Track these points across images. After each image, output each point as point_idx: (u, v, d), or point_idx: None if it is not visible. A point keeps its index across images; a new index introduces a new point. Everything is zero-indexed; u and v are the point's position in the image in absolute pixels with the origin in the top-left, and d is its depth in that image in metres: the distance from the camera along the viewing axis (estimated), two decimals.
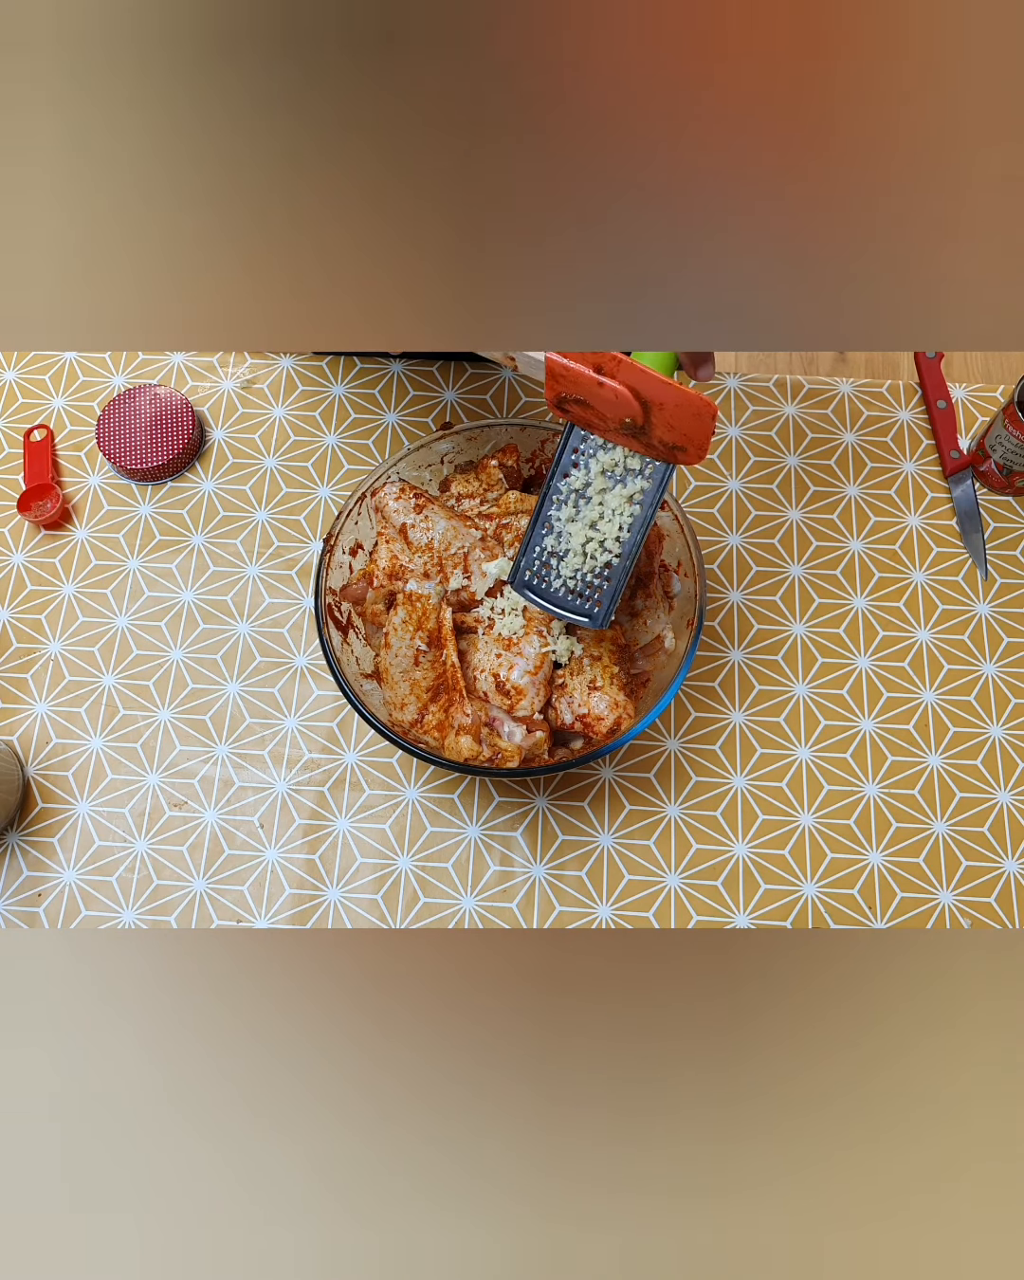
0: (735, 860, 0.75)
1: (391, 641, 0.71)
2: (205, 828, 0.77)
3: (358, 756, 0.78)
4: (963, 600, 0.81)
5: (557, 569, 0.64)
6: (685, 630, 0.69)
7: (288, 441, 0.87)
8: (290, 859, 0.76)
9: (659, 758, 0.77)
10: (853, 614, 0.81)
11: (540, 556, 0.65)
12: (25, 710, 0.80)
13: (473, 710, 0.67)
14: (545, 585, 0.65)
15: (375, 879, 0.75)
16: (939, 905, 0.74)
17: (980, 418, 0.87)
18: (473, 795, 0.77)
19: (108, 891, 0.75)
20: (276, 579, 0.83)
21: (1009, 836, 0.75)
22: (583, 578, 0.64)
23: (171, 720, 0.79)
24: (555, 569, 0.64)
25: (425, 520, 0.72)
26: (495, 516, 0.74)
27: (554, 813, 0.76)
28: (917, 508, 0.84)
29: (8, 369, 0.90)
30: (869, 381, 0.89)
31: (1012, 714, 0.78)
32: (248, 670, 0.80)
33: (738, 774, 0.77)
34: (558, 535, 0.64)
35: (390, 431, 0.87)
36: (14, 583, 0.83)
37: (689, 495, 0.85)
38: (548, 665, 0.70)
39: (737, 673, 0.80)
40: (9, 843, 0.76)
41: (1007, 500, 0.84)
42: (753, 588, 0.82)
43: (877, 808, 0.76)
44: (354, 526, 0.74)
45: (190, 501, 0.85)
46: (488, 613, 0.70)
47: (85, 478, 0.87)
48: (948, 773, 0.77)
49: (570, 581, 0.64)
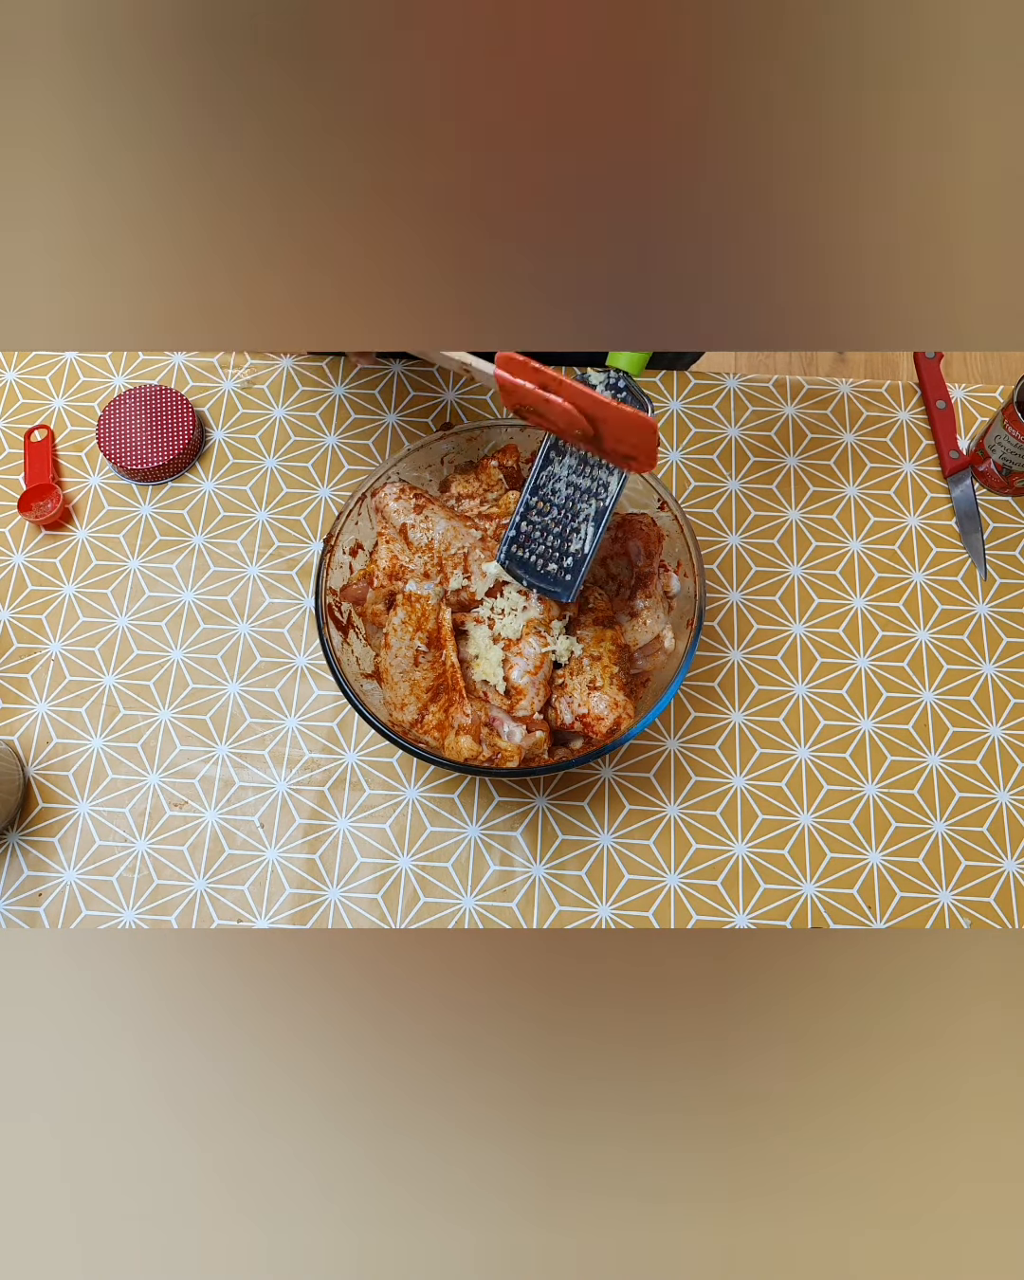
0: (735, 860, 0.75)
1: (391, 642, 0.71)
2: (206, 827, 0.77)
3: (358, 756, 0.78)
4: (962, 600, 0.81)
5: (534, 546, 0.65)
6: (685, 630, 0.69)
7: (288, 442, 0.87)
8: (290, 859, 0.76)
9: (659, 758, 0.77)
10: (852, 614, 0.81)
11: (519, 537, 0.65)
12: (26, 710, 0.80)
13: (473, 710, 0.67)
14: (526, 556, 0.66)
15: (375, 879, 0.75)
16: (939, 905, 0.74)
17: (980, 418, 0.87)
18: (473, 795, 0.77)
19: (108, 891, 0.75)
20: (277, 579, 0.83)
21: (1009, 836, 0.75)
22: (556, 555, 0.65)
23: (172, 720, 0.79)
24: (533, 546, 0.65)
25: (425, 520, 0.73)
26: (495, 517, 0.74)
27: (554, 812, 0.77)
28: (916, 508, 0.84)
29: (8, 369, 0.90)
30: (869, 382, 0.89)
31: (1011, 714, 0.78)
32: (248, 670, 0.80)
33: (738, 774, 0.77)
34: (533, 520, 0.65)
35: (390, 432, 0.87)
36: (14, 583, 0.83)
37: (689, 495, 0.85)
38: (548, 665, 0.70)
39: (736, 673, 0.80)
40: (9, 842, 0.76)
41: (1006, 500, 0.84)
42: (752, 588, 0.82)
43: (876, 807, 0.76)
44: (354, 527, 0.74)
45: (191, 502, 0.86)
46: (488, 613, 0.70)
47: (86, 478, 0.87)
48: (947, 773, 0.77)
49: (543, 559, 0.65)
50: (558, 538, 0.63)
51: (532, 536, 0.64)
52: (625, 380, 0.61)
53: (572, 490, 0.63)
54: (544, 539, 0.64)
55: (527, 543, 0.65)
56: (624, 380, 0.61)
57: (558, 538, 0.63)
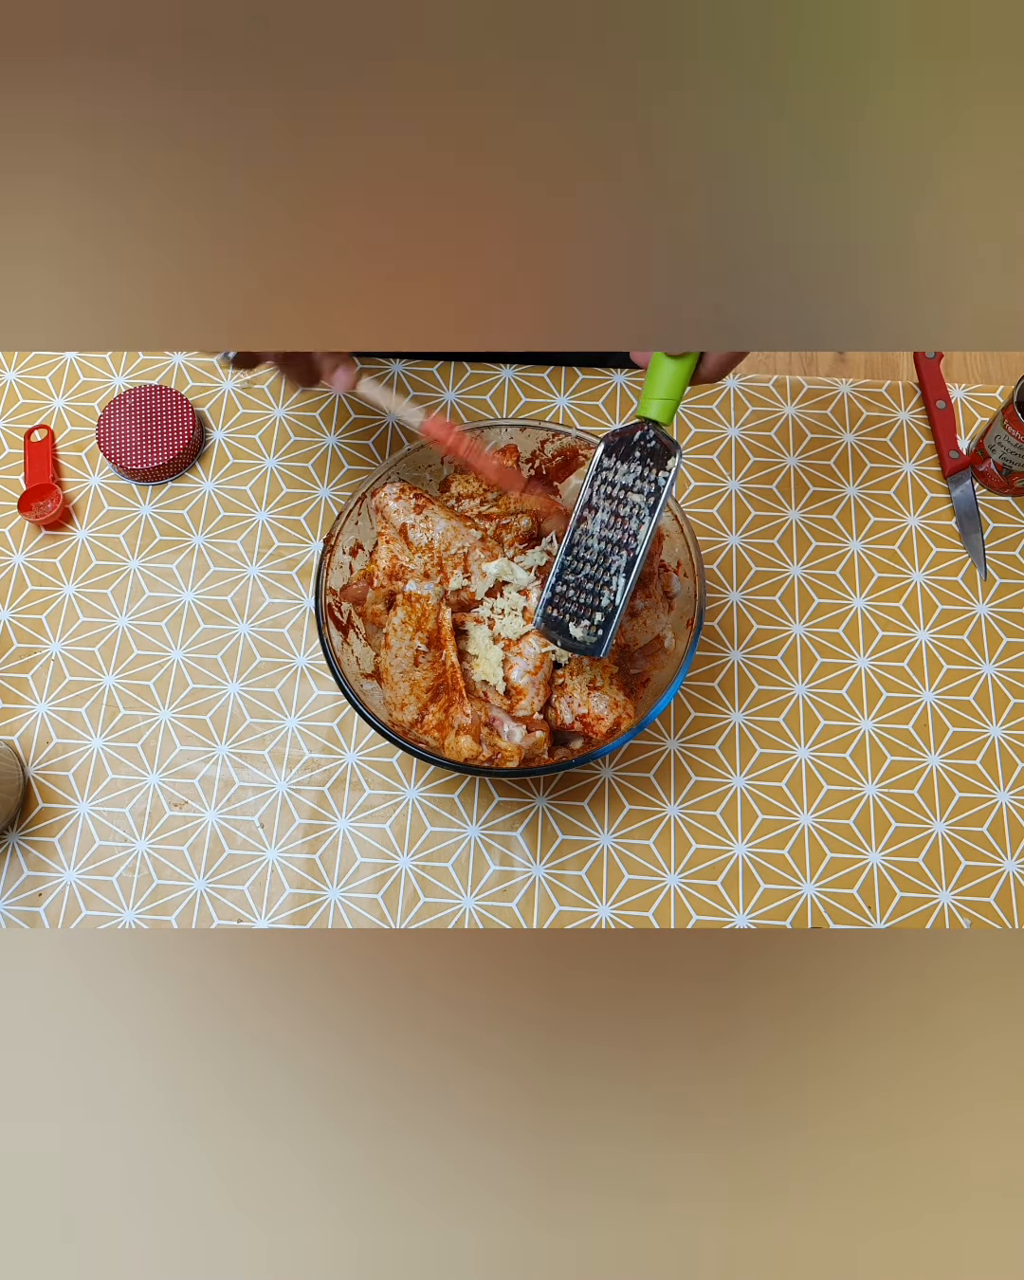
0: (735, 860, 0.75)
1: (391, 642, 0.71)
2: (206, 827, 0.77)
3: (358, 756, 0.78)
4: (962, 600, 0.81)
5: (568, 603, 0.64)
6: (685, 630, 0.69)
7: (288, 442, 0.87)
8: (290, 859, 0.76)
9: (659, 758, 0.77)
10: (852, 614, 0.81)
11: (555, 599, 0.64)
12: (26, 710, 0.80)
13: (473, 710, 0.67)
14: (560, 616, 0.64)
15: (375, 879, 0.75)
16: (939, 905, 0.74)
17: (980, 418, 0.87)
18: (473, 795, 0.77)
19: (108, 891, 0.75)
20: (277, 579, 0.83)
21: (1008, 836, 0.75)
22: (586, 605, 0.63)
23: (172, 720, 0.79)
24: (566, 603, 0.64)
25: (425, 520, 0.73)
26: (495, 517, 0.74)
27: (554, 812, 0.77)
28: (916, 508, 0.84)
29: (8, 369, 0.90)
30: (869, 382, 0.89)
31: (1011, 714, 0.78)
32: (248, 670, 0.80)
33: (737, 774, 0.77)
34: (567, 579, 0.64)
35: (390, 432, 0.87)
36: (14, 583, 0.83)
37: (689, 495, 0.85)
38: (548, 665, 0.70)
39: (736, 673, 0.80)
40: (9, 842, 0.76)
41: (1006, 500, 0.84)
42: (752, 588, 0.82)
43: (876, 807, 0.76)
44: (354, 527, 0.74)
45: (191, 502, 0.86)
46: (488, 613, 0.71)
47: (86, 478, 0.87)
48: (947, 772, 0.77)
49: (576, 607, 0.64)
50: (591, 595, 0.63)
51: (566, 596, 0.64)
52: (655, 431, 0.60)
53: (604, 545, 0.62)
54: (578, 597, 0.63)
55: (561, 603, 0.64)
56: (653, 431, 0.60)
57: (591, 595, 0.63)
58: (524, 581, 0.71)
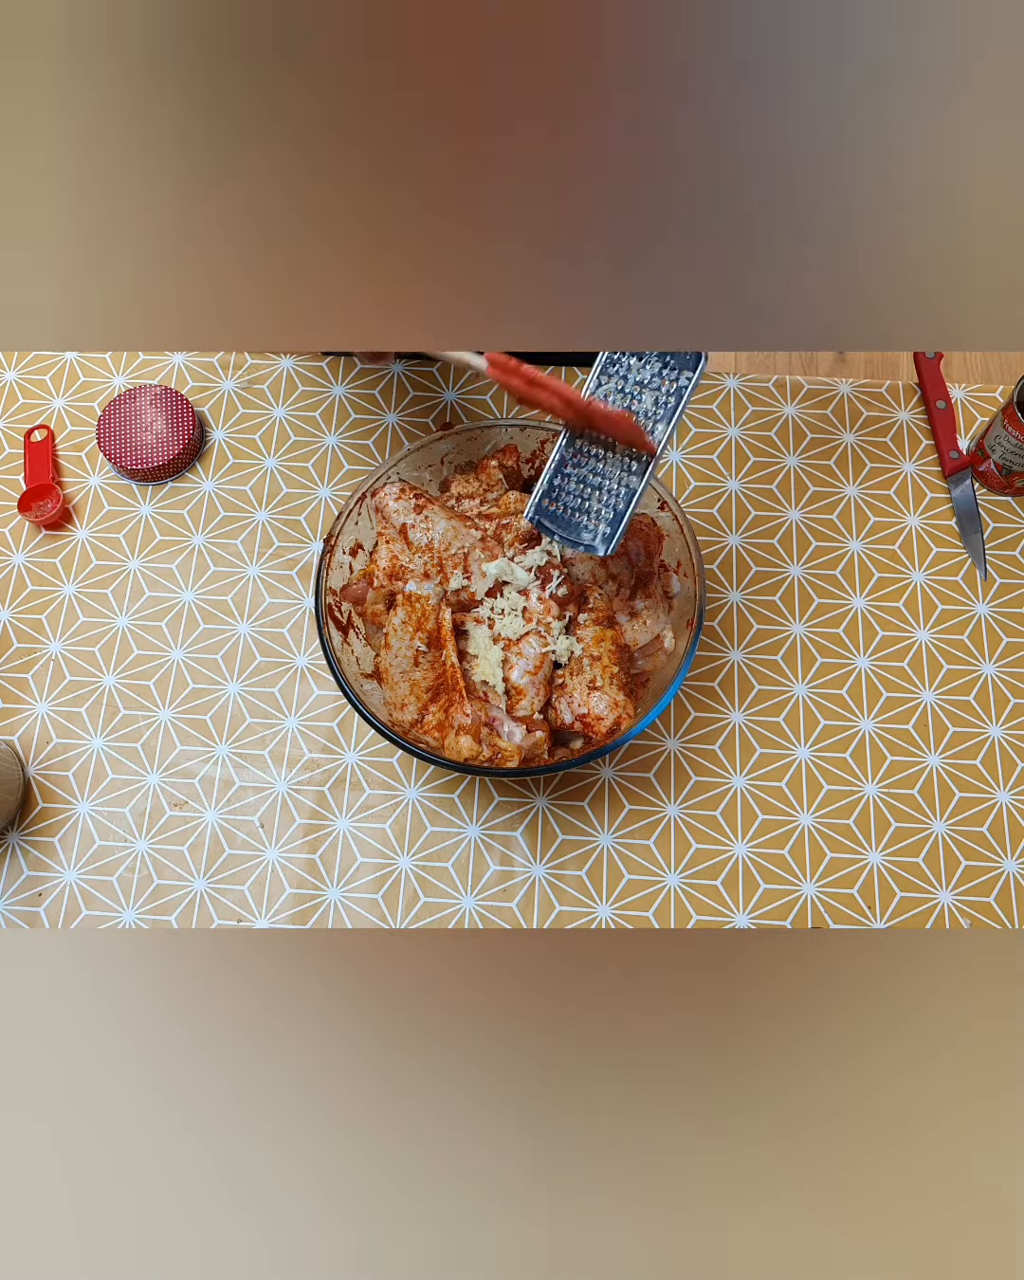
0: (735, 860, 0.75)
1: (391, 642, 0.71)
2: (206, 827, 0.77)
3: (358, 756, 0.78)
4: (962, 600, 0.81)
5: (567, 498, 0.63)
6: (685, 630, 0.69)
7: (288, 442, 0.87)
8: (290, 859, 0.76)
9: (659, 757, 0.77)
10: (852, 614, 0.81)
11: (552, 491, 0.63)
12: (26, 710, 0.80)
13: (473, 710, 0.67)
14: (558, 509, 0.63)
15: (375, 879, 0.75)
16: (939, 905, 0.74)
17: (980, 418, 0.87)
18: (473, 795, 0.77)
19: (108, 891, 0.75)
20: (277, 579, 0.83)
21: (1009, 836, 0.75)
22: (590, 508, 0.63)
23: (172, 720, 0.79)
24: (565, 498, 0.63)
25: (425, 520, 0.73)
26: (495, 517, 0.74)
27: (554, 812, 0.77)
28: (916, 508, 0.84)
29: (8, 369, 0.90)
30: (869, 382, 0.89)
31: (1011, 714, 0.78)
32: (248, 670, 0.80)
33: (737, 774, 0.77)
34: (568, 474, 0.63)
35: (390, 432, 0.87)
36: (14, 583, 0.83)
37: (689, 495, 0.85)
38: (548, 665, 0.70)
39: (736, 673, 0.80)
40: (9, 842, 0.76)
41: (1006, 500, 0.84)
42: (752, 588, 0.82)
43: (876, 807, 0.76)
44: (354, 527, 0.74)
45: (191, 502, 0.86)
46: (488, 613, 0.71)
47: (86, 478, 0.87)
48: (947, 772, 0.77)
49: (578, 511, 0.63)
50: (594, 489, 0.60)
51: (565, 489, 0.62)
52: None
53: (611, 441, 0.60)
54: (580, 490, 0.61)
55: (560, 496, 0.62)
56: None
57: (594, 489, 0.60)
58: (524, 581, 0.71)
